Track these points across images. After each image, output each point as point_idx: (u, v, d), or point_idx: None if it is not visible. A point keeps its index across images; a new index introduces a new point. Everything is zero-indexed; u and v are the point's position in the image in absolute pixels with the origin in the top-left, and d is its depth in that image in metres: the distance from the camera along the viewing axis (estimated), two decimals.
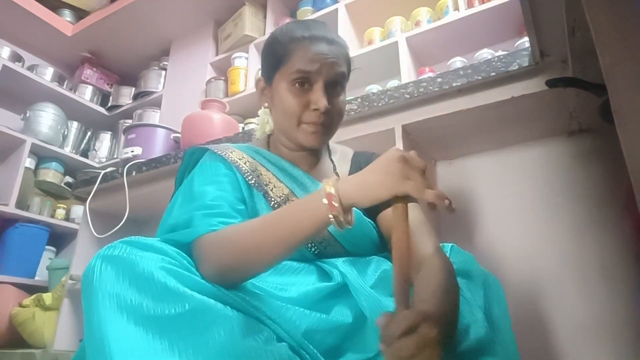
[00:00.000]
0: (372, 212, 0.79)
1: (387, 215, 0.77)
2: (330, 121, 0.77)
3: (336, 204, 0.54)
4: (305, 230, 0.57)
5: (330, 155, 0.88)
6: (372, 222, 0.79)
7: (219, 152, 0.78)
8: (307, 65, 0.74)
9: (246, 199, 0.74)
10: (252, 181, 0.76)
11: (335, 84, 0.76)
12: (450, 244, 0.77)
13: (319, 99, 0.73)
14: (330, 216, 0.54)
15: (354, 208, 0.57)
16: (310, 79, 0.74)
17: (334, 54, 0.75)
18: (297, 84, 0.75)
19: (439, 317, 0.51)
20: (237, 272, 0.60)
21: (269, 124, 0.87)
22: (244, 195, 0.74)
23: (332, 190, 0.55)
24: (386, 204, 0.76)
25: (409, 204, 0.55)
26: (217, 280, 0.59)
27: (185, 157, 0.85)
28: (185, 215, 0.68)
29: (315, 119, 0.75)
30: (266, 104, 0.85)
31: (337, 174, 0.84)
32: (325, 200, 0.55)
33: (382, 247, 0.80)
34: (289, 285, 0.65)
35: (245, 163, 0.78)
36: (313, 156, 0.85)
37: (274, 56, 0.78)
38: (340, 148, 0.92)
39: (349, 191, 0.55)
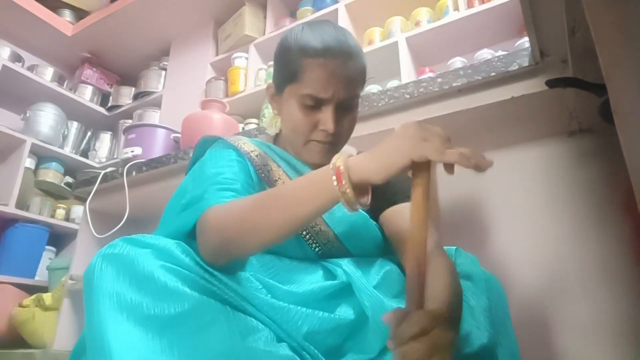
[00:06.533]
0: (376, 212, 0.78)
1: (391, 214, 0.76)
2: (337, 140, 0.76)
3: (345, 180, 0.51)
4: (311, 206, 0.54)
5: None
6: (378, 225, 0.78)
7: (232, 142, 0.78)
8: (320, 92, 0.71)
9: (255, 189, 0.74)
10: (262, 175, 0.75)
11: (347, 104, 0.74)
12: (455, 247, 0.77)
13: (328, 121, 0.72)
14: (338, 191, 0.51)
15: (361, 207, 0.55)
16: (322, 101, 0.72)
17: (349, 75, 0.72)
18: (307, 105, 0.73)
19: (452, 320, 0.50)
20: (238, 244, 0.58)
21: (277, 126, 0.86)
22: (254, 183, 0.74)
23: (342, 165, 0.52)
24: (394, 200, 0.77)
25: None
26: (217, 254, 0.58)
27: (198, 147, 0.84)
28: (198, 191, 0.67)
29: (322, 138, 0.74)
30: (275, 111, 0.83)
31: None
32: (334, 176, 0.52)
33: (387, 250, 0.79)
34: (295, 282, 0.65)
35: (256, 156, 0.77)
36: None
37: (286, 68, 0.75)
38: (344, 147, 0.91)
39: (360, 165, 0.51)
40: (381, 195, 0.76)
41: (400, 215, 0.75)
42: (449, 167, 0.50)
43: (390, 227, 0.76)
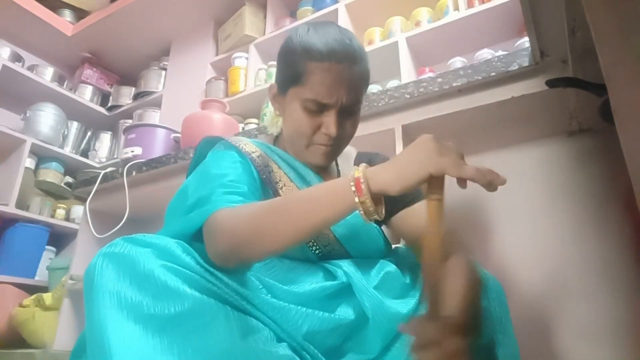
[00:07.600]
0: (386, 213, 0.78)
1: (405, 215, 0.77)
2: (340, 143, 0.77)
3: (364, 189, 0.51)
4: (326, 214, 0.53)
5: None
6: (378, 227, 0.78)
7: (234, 143, 0.78)
8: (324, 98, 0.70)
9: (259, 190, 0.73)
10: (264, 176, 0.75)
11: (350, 109, 0.74)
12: None
13: (331, 125, 0.72)
14: (357, 201, 0.51)
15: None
16: (325, 106, 0.72)
17: (353, 80, 0.71)
18: (310, 108, 0.72)
19: (467, 329, 0.51)
20: (248, 249, 0.57)
21: (278, 125, 0.86)
22: (257, 185, 0.73)
23: (361, 175, 0.52)
24: (404, 203, 0.77)
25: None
26: (225, 257, 0.58)
27: (199, 148, 0.83)
28: (205, 192, 0.66)
29: (325, 141, 0.74)
30: (277, 112, 0.82)
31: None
32: (352, 185, 0.52)
33: (387, 252, 0.79)
34: (296, 282, 0.65)
35: (258, 157, 0.77)
36: None
37: (290, 70, 0.74)
38: (346, 148, 0.91)
39: (379, 176, 0.51)
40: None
41: (414, 215, 0.76)
42: (462, 182, 0.50)
43: (405, 228, 0.77)
